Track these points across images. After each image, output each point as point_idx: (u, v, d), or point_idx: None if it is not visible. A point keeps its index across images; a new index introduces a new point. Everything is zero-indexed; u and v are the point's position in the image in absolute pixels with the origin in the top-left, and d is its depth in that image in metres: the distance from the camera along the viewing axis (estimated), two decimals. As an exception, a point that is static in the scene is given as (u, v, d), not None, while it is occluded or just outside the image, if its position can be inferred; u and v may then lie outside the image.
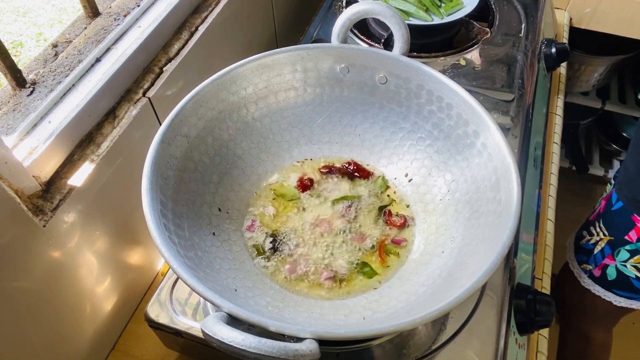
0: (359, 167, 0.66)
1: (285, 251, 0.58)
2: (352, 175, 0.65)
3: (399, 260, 0.58)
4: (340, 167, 0.66)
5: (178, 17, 0.73)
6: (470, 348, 0.55)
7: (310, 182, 0.64)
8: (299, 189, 0.64)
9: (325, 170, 0.65)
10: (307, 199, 0.63)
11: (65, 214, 0.54)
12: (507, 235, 0.46)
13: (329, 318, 0.51)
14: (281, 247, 0.58)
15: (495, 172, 0.54)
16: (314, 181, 0.64)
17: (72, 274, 0.58)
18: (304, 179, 0.64)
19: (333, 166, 0.66)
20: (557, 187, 0.86)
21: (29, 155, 0.53)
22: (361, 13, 0.64)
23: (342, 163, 0.66)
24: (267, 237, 0.59)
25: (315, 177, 0.65)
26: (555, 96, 0.99)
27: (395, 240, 0.59)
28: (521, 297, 0.61)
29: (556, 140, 0.92)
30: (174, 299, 0.60)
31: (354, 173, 0.65)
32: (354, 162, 0.66)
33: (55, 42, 0.65)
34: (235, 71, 0.60)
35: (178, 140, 0.55)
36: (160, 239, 0.45)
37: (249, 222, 0.61)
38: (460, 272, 0.49)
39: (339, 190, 0.64)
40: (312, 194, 0.63)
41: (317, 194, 0.63)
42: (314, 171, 0.66)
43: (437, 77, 0.59)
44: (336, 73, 0.65)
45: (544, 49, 0.94)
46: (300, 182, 0.64)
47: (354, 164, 0.66)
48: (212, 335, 0.39)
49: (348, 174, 0.65)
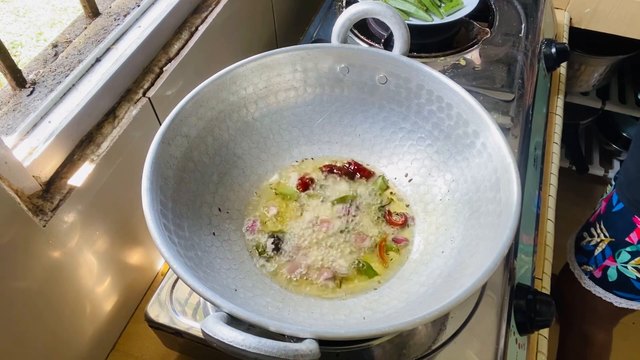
0: (360, 166, 0.66)
1: (285, 251, 0.58)
2: (353, 174, 0.65)
3: (399, 260, 0.58)
4: (341, 166, 0.66)
5: (178, 17, 0.73)
6: (470, 348, 0.55)
7: (311, 181, 0.64)
8: (299, 188, 0.64)
9: (326, 169, 0.65)
10: (307, 199, 0.63)
11: (65, 214, 0.54)
12: (507, 235, 0.46)
13: (329, 318, 0.51)
14: (281, 247, 0.58)
15: (495, 172, 0.54)
16: (314, 180, 0.65)
17: (72, 274, 0.58)
18: (305, 178, 0.64)
19: (334, 165, 0.66)
20: (557, 187, 0.86)
21: (29, 155, 0.53)
22: (361, 13, 0.64)
23: (342, 163, 0.66)
24: (267, 238, 0.59)
25: (315, 176, 0.65)
26: (555, 96, 0.99)
27: (396, 239, 0.59)
28: (521, 297, 0.61)
29: (556, 140, 0.92)
30: (174, 299, 0.60)
31: (355, 173, 0.65)
32: (355, 162, 0.66)
33: (55, 42, 0.65)
34: (235, 71, 0.60)
35: (178, 140, 0.55)
36: (160, 239, 0.45)
37: (249, 222, 0.61)
38: (460, 272, 0.49)
39: (339, 190, 0.64)
40: (311, 194, 0.63)
41: (317, 195, 0.63)
42: (314, 170, 0.66)
43: (437, 77, 0.59)
44: (336, 73, 0.65)
45: (544, 49, 0.94)
46: (301, 181, 0.64)
47: (354, 164, 0.66)
48: (212, 335, 0.39)
49: (348, 174, 0.65)
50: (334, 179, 0.65)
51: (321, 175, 0.65)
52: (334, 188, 0.64)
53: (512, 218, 0.47)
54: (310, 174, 0.65)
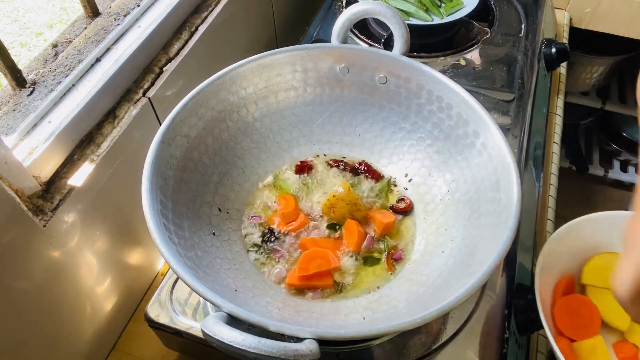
0: (370, 168, 0.66)
1: (285, 251, 0.58)
2: (359, 173, 0.65)
3: (399, 260, 0.58)
4: (350, 163, 0.66)
5: (178, 17, 0.73)
6: (470, 348, 0.55)
7: (309, 167, 0.65)
8: (296, 171, 0.64)
9: (334, 163, 0.66)
10: (306, 199, 0.63)
11: (65, 214, 0.55)
12: (507, 235, 0.46)
13: (329, 318, 0.51)
14: (281, 247, 0.58)
15: (495, 172, 0.54)
16: (312, 167, 0.65)
17: (72, 274, 0.58)
18: (305, 163, 0.65)
19: (341, 161, 0.66)
20: (557, 187, 0.86)
21: (29, 155, 0.53)
22: (361, 13, 0.64)
23: (354, 162, 0.66)
24: (267, 238, 0.59)
25: (318, 168, 0.66)
26: (555, 96, 0.99)
27: (396, 256, 0.59)
28: (521, 297, 0.61)
29: (556, 140, 0.92)
30: (174, 299, 0.60)
31: (364, 173, 0.65)
32: (366, 163, 0.66)
33: (55, 42, 0.65)
34: (235, 71, 0.60)
35: (178, 140, 0.55)
36: (160, 239, 0.45)
37: (249, 222, 0.61)
38: (460, 272, 0.49)
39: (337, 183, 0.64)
40: (308, 186, 0.63)
41: (322, 190, 0.63)
42: (322, 163, 0.66)
43: (437, 77, 0.59)
44: (336, 73, 0.65)
45: (544, 49, 0.94)
46: (300, 164, 0.65)
47: (365, 165, 0.66)
48: (212, 335, 0.39)
49: (353, 170, 0.65)
50: (337, 173, 0.65)
51: (327, 168, 0.66)
52: (334, 182, 0.64)
53: (512, 218, 0.47)
54: (318, 165, 0.66)
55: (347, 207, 0.59)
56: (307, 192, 0.63)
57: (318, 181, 0.64)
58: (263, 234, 0.59)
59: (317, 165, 0.66)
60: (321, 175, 0.65)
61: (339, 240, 0.59)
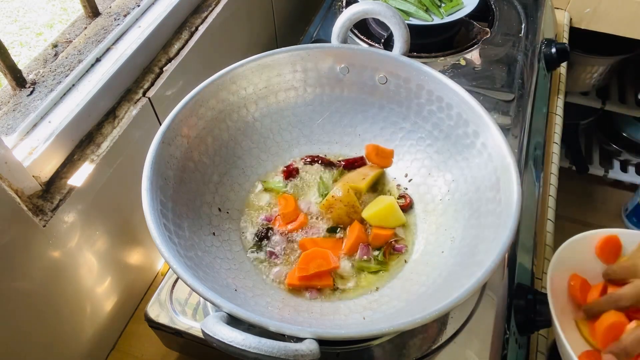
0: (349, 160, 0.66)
1: (285, 251, 0.58)
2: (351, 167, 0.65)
3: (399, 260, 0.58)
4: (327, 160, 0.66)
5: (178, 17, 0.73)
6: (470, 348, 0.55)
7: (296, 171, 0.65)
8: (283, 175, 0.64)
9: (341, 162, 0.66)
10: (307, 198, 0.63)
11: (65, 214, 0.54)
12: (507, 235, 0.46)
13: (329, 318, 0.51)
14: (281, 247, 0.58)
15: (495, 172, 0.54)
16: (299, 170, 0.65)
17: (72, 274, 0.58)
18: (291, 167, 0.65)
19: (348, 159, 0.66)
20: (557, 187, 0.86)
21: (29, 155, 0.53)
22: (361, 13, 0.64)
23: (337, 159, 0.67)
24: (267, 238, 0.59)
25: (300, 166, 0.65)
26: (555, 96, 0.99)
27: (397, 248, 0.59)
28: (521, 297, 0.61)
29: (556, 140, 0.92)
30: (174, 299, 0.60)
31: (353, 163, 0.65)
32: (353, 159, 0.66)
33: (55, 42, 0.65)
34: (235, 71, 0.60)
35: (178, 140, 0.55)
36: (160, 239, 0.45)
37: (249, 222, 0.61)
38: (460, 272, 0.49)
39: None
40: (296, 184, 0.63)
41: (321, 192, 0.63)
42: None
43: (437, 77, 0.59)
44: (336, 73, 0.65)
45: (544, 49, 0.94)
46: (286, 169, 0.64)
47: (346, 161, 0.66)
48: (212, 335, 0.39)
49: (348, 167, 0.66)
50: (332, 170, 0.65)
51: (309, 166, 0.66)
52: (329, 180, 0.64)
53: (512, 218, 0.47)
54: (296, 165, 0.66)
55: (344, 208, 0.59)
56: (303, 194, 0.63)
57: (307, 184, 0.64)
58: (263, 234, 0.59)
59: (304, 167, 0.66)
60: (308, 176, 0.65)
61: (339, 241, 0.59)
